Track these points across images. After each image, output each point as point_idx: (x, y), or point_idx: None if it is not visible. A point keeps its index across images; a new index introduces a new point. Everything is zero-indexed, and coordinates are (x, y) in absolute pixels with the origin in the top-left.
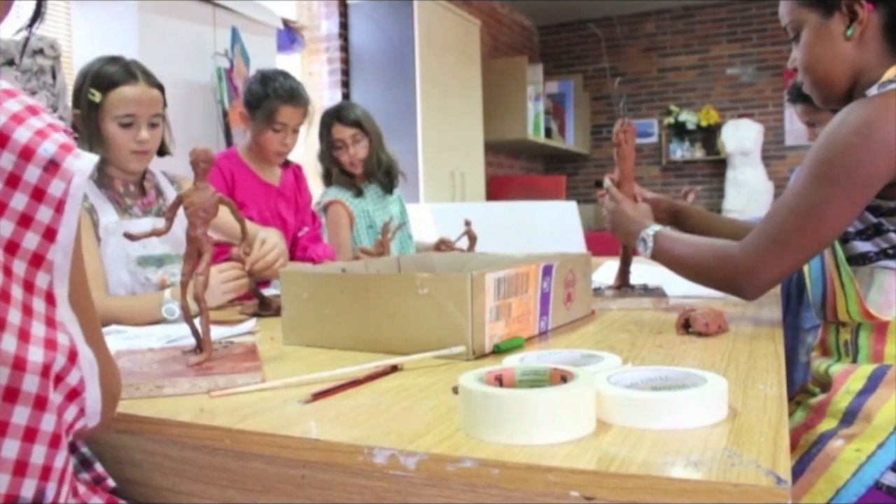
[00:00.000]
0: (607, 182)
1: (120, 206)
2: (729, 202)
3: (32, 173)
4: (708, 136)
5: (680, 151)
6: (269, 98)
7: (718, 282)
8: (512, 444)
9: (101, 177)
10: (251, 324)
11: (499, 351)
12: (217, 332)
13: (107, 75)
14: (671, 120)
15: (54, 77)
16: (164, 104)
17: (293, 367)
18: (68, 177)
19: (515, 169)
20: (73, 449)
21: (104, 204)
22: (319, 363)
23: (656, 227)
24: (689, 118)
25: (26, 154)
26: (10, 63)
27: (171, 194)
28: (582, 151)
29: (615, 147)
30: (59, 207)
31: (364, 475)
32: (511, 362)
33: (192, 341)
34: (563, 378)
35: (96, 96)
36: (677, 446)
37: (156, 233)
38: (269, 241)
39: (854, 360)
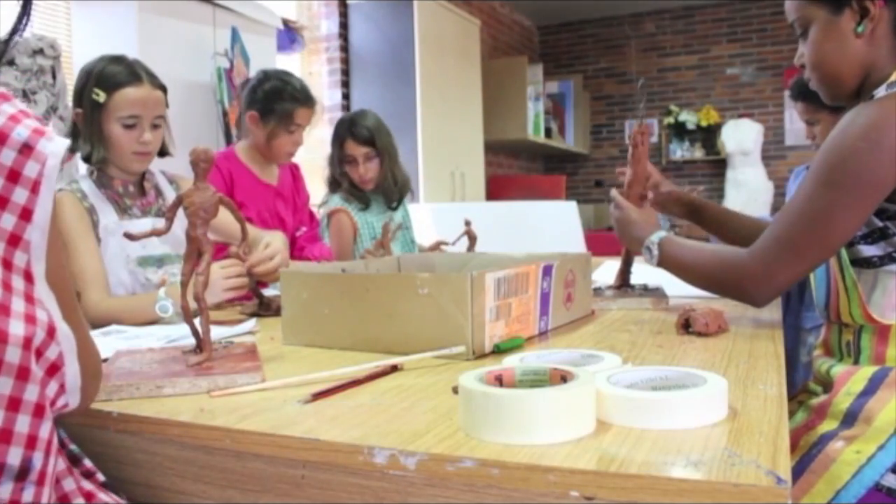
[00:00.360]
0: (613, 191)
1: (119, 207)
2: (729, 202)
3: (7, 156)
4: (708, 136)
5: (680, 151)
6: (286, 100)
7: (727, 289)
8: (512, 444)
9: (101, 177)
10: (251, 324)
11: (499, 351)
12: (217, 332)
13: (111, 75)
14: (671, 120)
15: (54, 77)
16: (166, 105)
17: (293, 367)
18: (42, 159)
19: (515, 169)
20: (61, 445)
21: (104, 204)
22: (319, 363)
23: (661, 234)
24: (689, 118)
25: (0, 138)
26: (11, 63)
27: (170, 194)
28: (582, 151)
29: (632, 148)
30: (35, 188)
31: (364, 475)
32: (511, 362)
33: (192, 341)
34: (563, 378)
35: (101, 96)
36: (677, 446)
37: (156, 233)
38: (272, 246)
39: (856, 362)
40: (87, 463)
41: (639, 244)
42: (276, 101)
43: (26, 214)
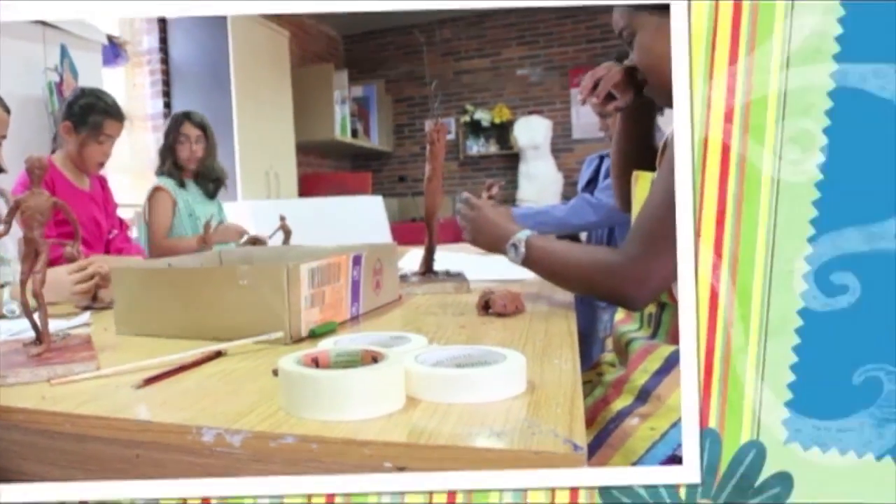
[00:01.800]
0: (465, 194)
1: None
2: (522, 193)
3: None
4: (501, 132)
5: (476, 147)
6: (96, 113)
7: (603, 293)
8: (329, 421)
9: None
10: (85, 316)
11: (314, 335)
12: (55, 325)
13: None
14: (467, 118)
15: None
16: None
17: (126, 355)
18: None
19: (325, 167)
20: None
21: None
22: (150, 351)
23: (527, 232)
24: (483, 116)
25: None
26: None
27: None
28: (385, 150)
29: (429, 145)
30: None
31: (194, 453)
32: (326, 345)
33: (32, 334)
34: (374, 358)
35: None
36: (481, 418)
37: None
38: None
39: (654, 334)
40: None
41: (501, 242)
42: (89, 113)
43: None
